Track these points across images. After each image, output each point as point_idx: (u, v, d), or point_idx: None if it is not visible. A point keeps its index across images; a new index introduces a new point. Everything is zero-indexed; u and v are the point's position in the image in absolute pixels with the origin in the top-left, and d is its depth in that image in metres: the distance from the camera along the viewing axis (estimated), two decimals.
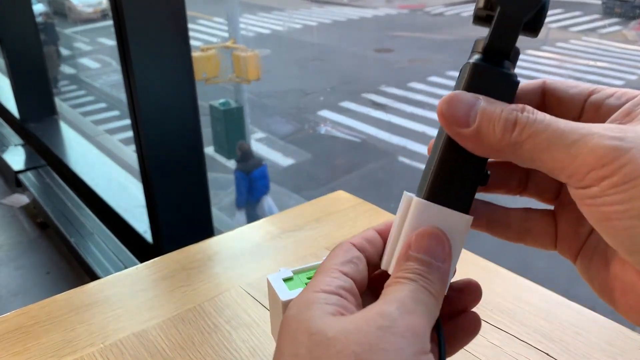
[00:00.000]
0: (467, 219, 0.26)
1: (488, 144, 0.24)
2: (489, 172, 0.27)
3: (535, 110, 0.24)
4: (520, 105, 0.24)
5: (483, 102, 0.24)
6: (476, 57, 0.26)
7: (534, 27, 0.25)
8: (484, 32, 0.26)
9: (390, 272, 0.26)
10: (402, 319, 0.23)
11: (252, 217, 4.17)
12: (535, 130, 0.23)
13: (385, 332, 0.22)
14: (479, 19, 0.26)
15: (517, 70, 0.27)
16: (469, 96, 0.25)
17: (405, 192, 0.27)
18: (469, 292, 0.29)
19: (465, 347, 0.51)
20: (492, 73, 0.25)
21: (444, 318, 0.28)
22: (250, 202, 4.25)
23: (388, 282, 0.25)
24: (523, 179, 0.30)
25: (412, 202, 0.26)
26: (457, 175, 0.26)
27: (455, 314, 0.29)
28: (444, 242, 0.26)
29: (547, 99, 0.27)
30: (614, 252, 0.25)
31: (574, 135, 0.22)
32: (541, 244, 0.29)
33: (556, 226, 0.28)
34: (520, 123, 0.23)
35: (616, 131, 0.22)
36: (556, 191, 0.29)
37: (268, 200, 4.27)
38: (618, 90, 0.26)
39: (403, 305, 0.23)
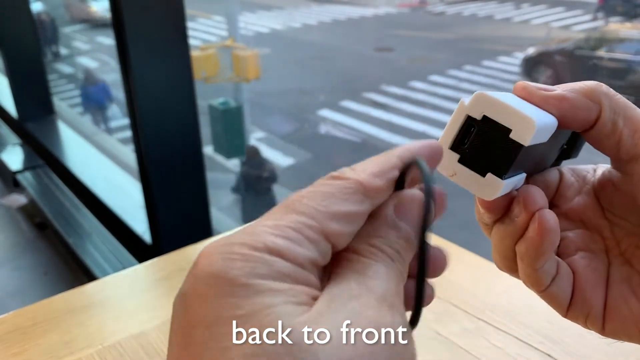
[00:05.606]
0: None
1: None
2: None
3: None
4: None
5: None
6: None
7: (568, 155, 0.29)
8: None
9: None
10: (404, 335, 0.17)
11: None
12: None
13: (392, 354, 0.16)
14: None
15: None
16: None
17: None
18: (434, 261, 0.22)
19: (466, 348, 0.51)
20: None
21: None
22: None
23: (361, 248, 0.19)
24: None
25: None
26: None
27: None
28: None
29: None
30: None
31: None
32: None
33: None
34: None
35: None
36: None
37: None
38: None
39: (392, 307, 0.17)
